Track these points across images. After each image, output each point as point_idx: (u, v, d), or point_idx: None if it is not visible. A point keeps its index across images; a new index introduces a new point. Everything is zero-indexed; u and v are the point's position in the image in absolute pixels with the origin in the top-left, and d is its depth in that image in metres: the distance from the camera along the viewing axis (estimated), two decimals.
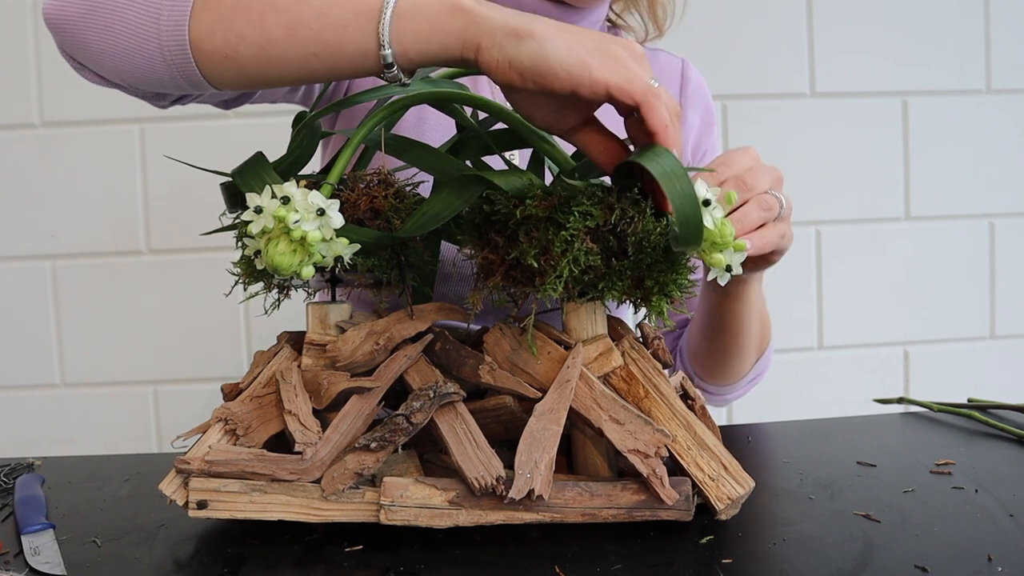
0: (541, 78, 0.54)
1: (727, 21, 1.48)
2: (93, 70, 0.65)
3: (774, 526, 0.59)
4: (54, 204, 1.44)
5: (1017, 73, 1.53)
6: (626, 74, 0.53)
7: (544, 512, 0.58)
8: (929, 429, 0.84)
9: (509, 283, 0.60)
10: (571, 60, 0.53)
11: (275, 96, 0.88)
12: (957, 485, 0.66)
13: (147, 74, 0.62)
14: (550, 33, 0.54)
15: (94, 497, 0.69)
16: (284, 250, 0.55)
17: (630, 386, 0.61)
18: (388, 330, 0.63)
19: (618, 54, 0.54)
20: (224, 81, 0.62)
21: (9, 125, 1.43)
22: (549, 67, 0.53)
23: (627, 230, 0.56)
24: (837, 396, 1.52)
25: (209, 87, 0.63)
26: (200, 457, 0.59)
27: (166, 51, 0.60)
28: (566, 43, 0.54)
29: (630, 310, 0.73)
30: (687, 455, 0.59)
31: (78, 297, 1.46)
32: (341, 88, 0.93)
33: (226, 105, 0.83)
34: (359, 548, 0.57)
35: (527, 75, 0.54)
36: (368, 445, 0.58)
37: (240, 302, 1.15)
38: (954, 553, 0.54)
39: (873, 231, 1.54)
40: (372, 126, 0.63)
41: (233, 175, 0.63)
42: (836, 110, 1.51)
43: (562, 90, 0.54)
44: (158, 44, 0.60)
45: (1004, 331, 1.58)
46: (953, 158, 1.54)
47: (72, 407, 1.47)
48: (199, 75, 0.61)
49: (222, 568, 0.55)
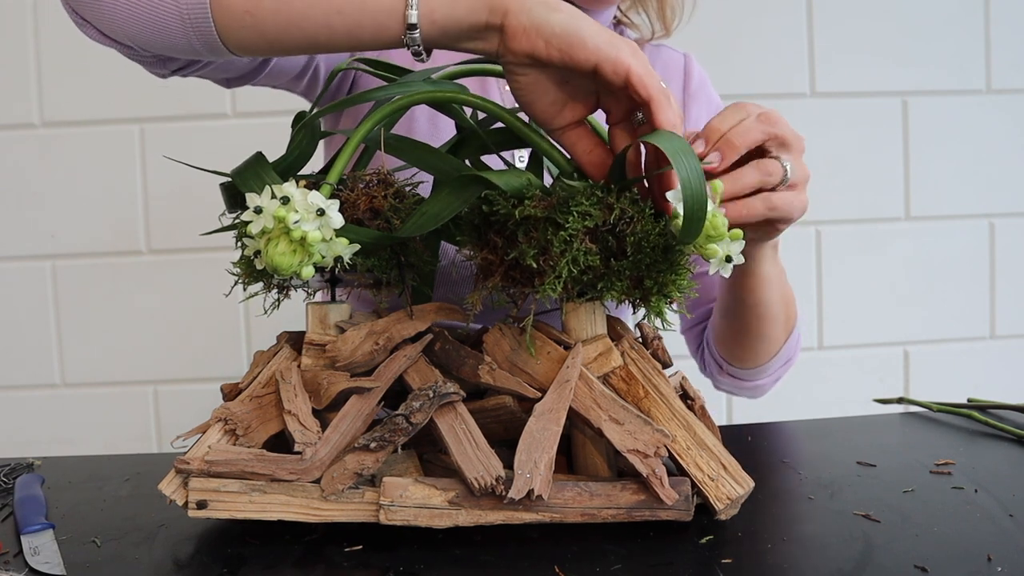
0: (569, 47, 0.54)
1: (727, 21, 1.48)
2: (97, 26, 0.62)
3: (774, 526, 0.59)
4: (54, 204, 1.44)
5: (1017, 73, 1.53)
6: (647, 68, 0.55)
7: (544, 512, 0.58)
8: (929, 429, 0.84)
9: (508, 283, 0.60)
10: (601, 37, 0.54)
11: (282, 79, 0.85)
12: (957, 485, 0.66)
13: (159, 32, 0.59)
14: (579, 13, 0.55)
15: (94, 497, 0.69)
16: (284, 250, 0.55)
17: (630, 386, 0.61)
18: (388, 330, 0.63)
19: (637, 51, 0.56)
20: (240, 42, 0.59)
21: (9, 125, 1.43)
22: (580, 37, 0.54)
23: (626, 230, 0.56)
24: (837, 396, 1.52)
25: (223, 50, 0.60)
26: (200, 457, 0.59)
27: (183, 6, 0.58)
28: (595, 24, 0.55)
29: (630, 310, 0.73)
30: (687, 455, 0.59)
31: (78, 297, 1.46)
32: (344, 86, 0.93)
33: (228, 83, 0.80)
34: (359, 548, 0.57)
35: (554, 42, 0.54)
36: (368, 445, 0.58)
37: (240, 302, 1.16)
38: (954, 553, 0.54)
39: (873, 231, 1.54)
40: (372, 126, 0.63)
41: (233, 175, 0.63)
42: (836, 110, 1.51)
43: (586, 61, 0.54)
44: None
45: (1004, 331, 1.58)
46: (953, 158, 1.53)
47: (72, 407, 1.47)
48: (215, 35, 0.59)
49: (222, 568, 0.55)
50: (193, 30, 0.59)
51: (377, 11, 0.57)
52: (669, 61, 1.03)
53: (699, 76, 1.03)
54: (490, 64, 0.68)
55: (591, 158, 0.59)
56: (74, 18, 0.63)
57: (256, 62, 0.78)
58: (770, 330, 0.86)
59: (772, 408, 1.23)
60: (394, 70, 0.69)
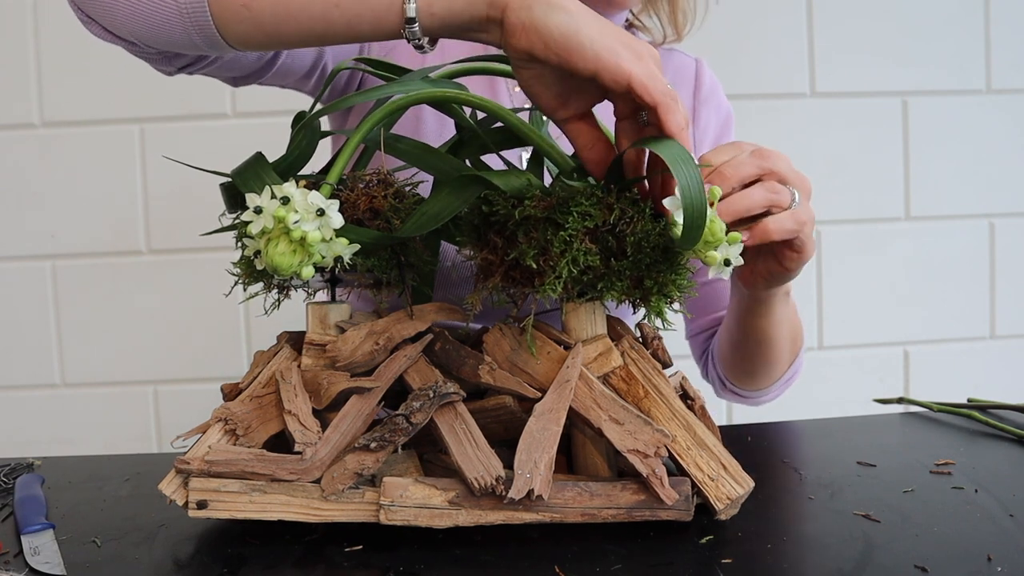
0: (567, 52, 0.53)
1: (727, 21, 1.47)
2: (101, 23, 0.62)
3: (774, 526, 0.59)
4: (54, 204, 1.44)
5: (1017, 73, 1.53)
6: (650, 72, 0.53)
7: (544, 512, 0.58)
8: (929, 429, 0.84)
9: (508, 284, 0.60)
10: (601, 43, 0.53)
11: (289, 79, 0.85)
12: (957, 485, 0.66)
13: (159, 26, 0.59)
14: (583, 12, 0.54)
15: (94, 497, 0.69)
16: (284, 250, 0.55)
17: (630, 386, 0.61)
18: (388, 330, 0.63)
19: (642, 52, 0.55)
20: (239, 35, 0.59)
21: (9, 125, 1.43)
22: (579, 43, 0.52)
23: (626, 230, 0.56)
24: (837, 396, 1.52)
25: (223, 44, 0.60)
26: (200, 457, 0.59)
27: (182, 1, 0.58)
28: (599, 26, 0.53)
29: (631, 310, 0.73)
30: (687, 455, 0.59)
31: (78, 297, 1.46)
32: (352, 86, 0.92)
33: (235, 82, 0.80)
34: (359, 548, 0.57)
35: (552, 46, 0.53)
36: (368, 445, 0.58)
37: (240, 302, 1.16)
38: (954, 553, 0.54)
39: (873, 231, 1.54)
40: (371, 126, 0.63)
41: (232, 175, 0.63)
42: (836, 110, 1.51)
43: (584, 70, 0.53)
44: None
45: (1004, 331, 1.58)
46: (953, 158, 1.53)
47: (72, 407, 1.47)
48: (213, 28, 0.59)
49: (222, 568, 0.55)
50: (192, 24, 0.59)
51: (376, 5, 0.57)
52: (680, 66, 1.02)
53: (710, 82, 1.02)
54: (495, 63, 0.67)
55: (591, 154, 0.59)
56: (79, 15, 0.63)
57: (263, 60, 0.78)
58: (776, 361, 0.88)
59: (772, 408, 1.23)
60: (396, 70, 0.69)
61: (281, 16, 0.58)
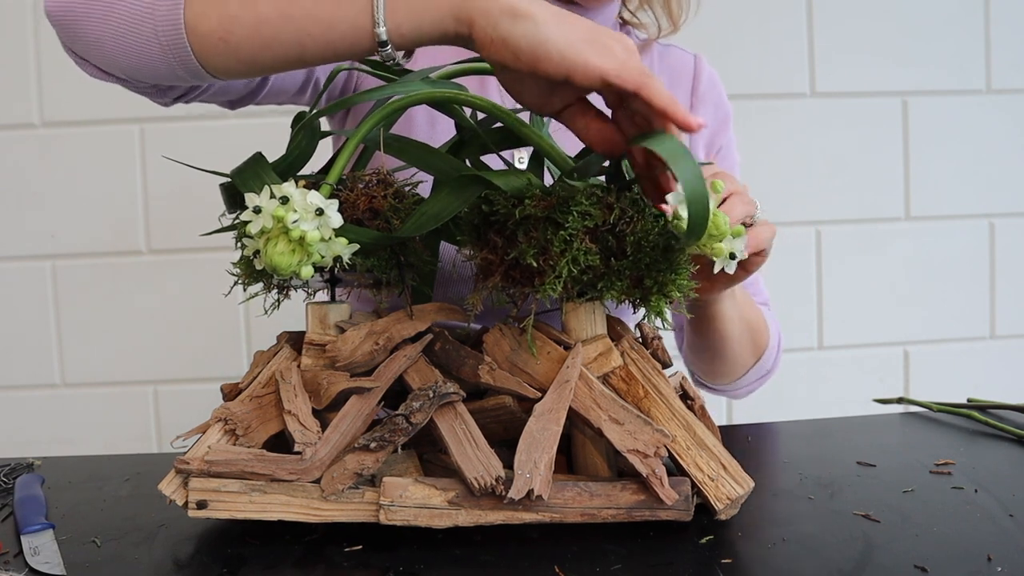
0: (536, 61, 0.54)
1: (727, 21, 1.47)
2: (93, 63, 0.65)
3: (774, 526, 0.59)
4: (54, 204, 1.44)
5: (1017, 73, 1.53)
6: (620, 62, 0.54)
7: (544, 512, 0.58)
8: (929, 429, 0.84)
9: (508, 283, 0.60)
10: (566, 46, 0.53)
11: (283, 97, 0.87)
12: (957, 485, 0.66)
13: (144, 62, 0.62)
14: (547, 17, 0.54)
15: (94, 497, 0.69)
16: (283, 250, 0.55)
17: (629, 386, 0.61)
18: (388, 330, 0.63)
19: (610, 44, 0.55)
20: (219, 66, 0.61)
21: (9, 125, 1.43)
22: (545, 51, 0.53)
23: (626, 230, 0.56)
24: (837, 396, 1.52)
25: (205, 74, 0.62)
26: (200, 457, 0.59)
27: (161, 36, 0.60)
28: (562, 29, 0.54)
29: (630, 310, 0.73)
30: (686, 455, 0.59)
31: (78, 297, 1.46)
32: (349, 87, 0.93)
33: (231, 105, 0.82)
34: (359, 548, 0.57)
35: (522, 57, 0.54)
36: (368, 445, 0.58)
37: (240, 302, 1.16)
38: (954, 553, 0.54)
39: (873, 231, 1.54)
40: (371, 126, 0.63)
41: (232, 175, 0.63)
42: (836, 110, 1.51)
43: (556, 74, 0.54)
44: (153, 30, 0.60)
45: (1004, 331, 1.57)
46: (953, 158, 1.53)
47: (72, 407, 1.47)
48: (194, 61, 0.61)
49: (222, 568, 0.55)
50: (175, 59, 0.61)
51: (346, 32, 0.58)
52: (678, 62, 1.01)
53: (708, 78, 1.02)
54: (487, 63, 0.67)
55: (590, 134, 0.59)
56: (74, 58, 0.67)
57: (252, 84, 0.80)
58: (737, 357, 0.91)
59: (772, 408, 1.23)
60: (394, 71, 0.69)
61: (257, 47, 0.60)
